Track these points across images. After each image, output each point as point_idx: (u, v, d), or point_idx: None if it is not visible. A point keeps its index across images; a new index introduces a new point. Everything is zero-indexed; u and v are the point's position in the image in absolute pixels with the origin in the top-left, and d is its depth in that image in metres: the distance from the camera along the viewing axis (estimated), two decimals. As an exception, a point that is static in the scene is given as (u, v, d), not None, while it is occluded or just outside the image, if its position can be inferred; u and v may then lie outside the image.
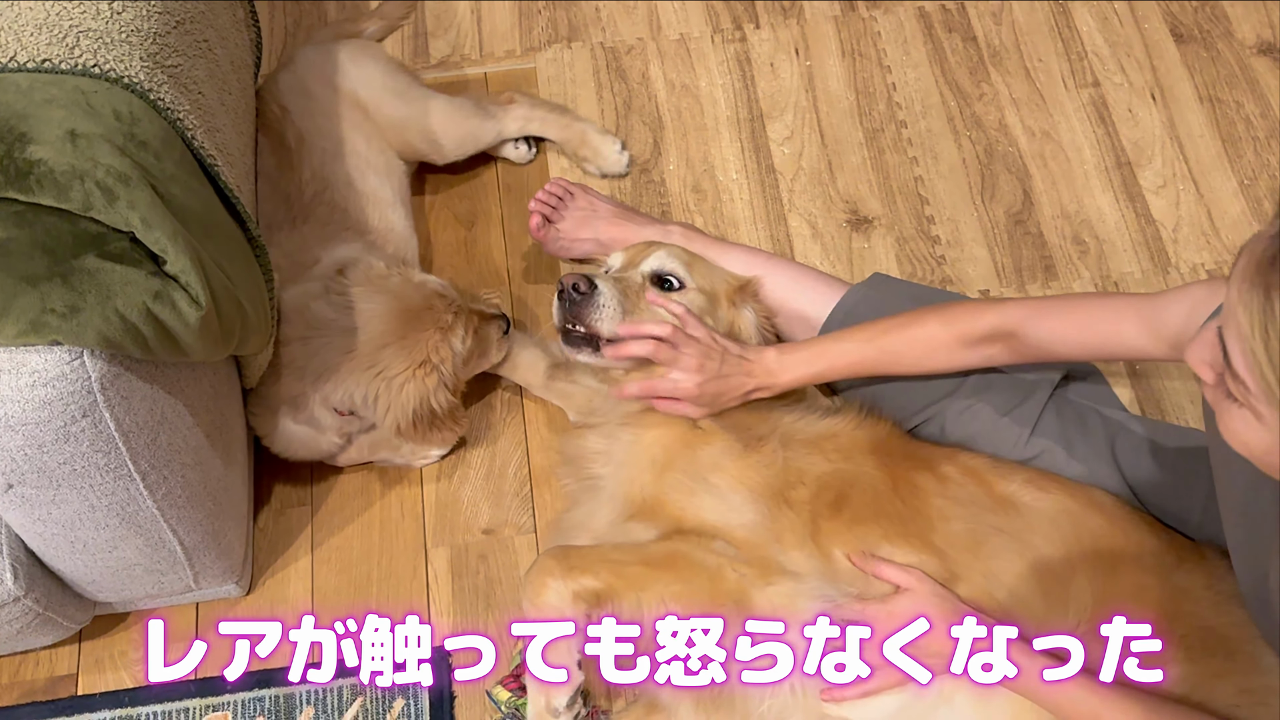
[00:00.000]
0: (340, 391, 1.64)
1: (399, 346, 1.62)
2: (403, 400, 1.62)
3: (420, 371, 1.63)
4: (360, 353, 1.62)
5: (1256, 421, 0.96)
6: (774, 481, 1.46)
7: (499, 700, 1.64)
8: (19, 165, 1.11)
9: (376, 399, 1.62)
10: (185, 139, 1.30)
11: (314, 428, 1.71)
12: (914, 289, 1.79)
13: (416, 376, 1.63)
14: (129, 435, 1.23)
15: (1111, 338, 1.39)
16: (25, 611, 1.45)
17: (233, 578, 1.67)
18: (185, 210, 1.23)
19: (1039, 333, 1.46)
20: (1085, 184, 2.09)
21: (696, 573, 1.37)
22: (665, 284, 1.68)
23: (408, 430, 1.65)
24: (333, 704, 1.68)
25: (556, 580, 1.35)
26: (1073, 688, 1.29)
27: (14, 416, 1.13)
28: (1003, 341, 1.49)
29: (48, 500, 1.27)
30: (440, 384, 1.65)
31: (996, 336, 1.49)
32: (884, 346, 1.56)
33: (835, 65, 2.22)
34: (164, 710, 1.68)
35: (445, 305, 1.68)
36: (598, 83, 2.21)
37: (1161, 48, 2.23)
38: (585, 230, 1.92)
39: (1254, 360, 0.92)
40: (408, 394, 1.62)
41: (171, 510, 1.38)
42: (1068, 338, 1.44)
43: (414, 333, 1.63)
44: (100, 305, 1.11)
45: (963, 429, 1.61)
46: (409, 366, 1.63)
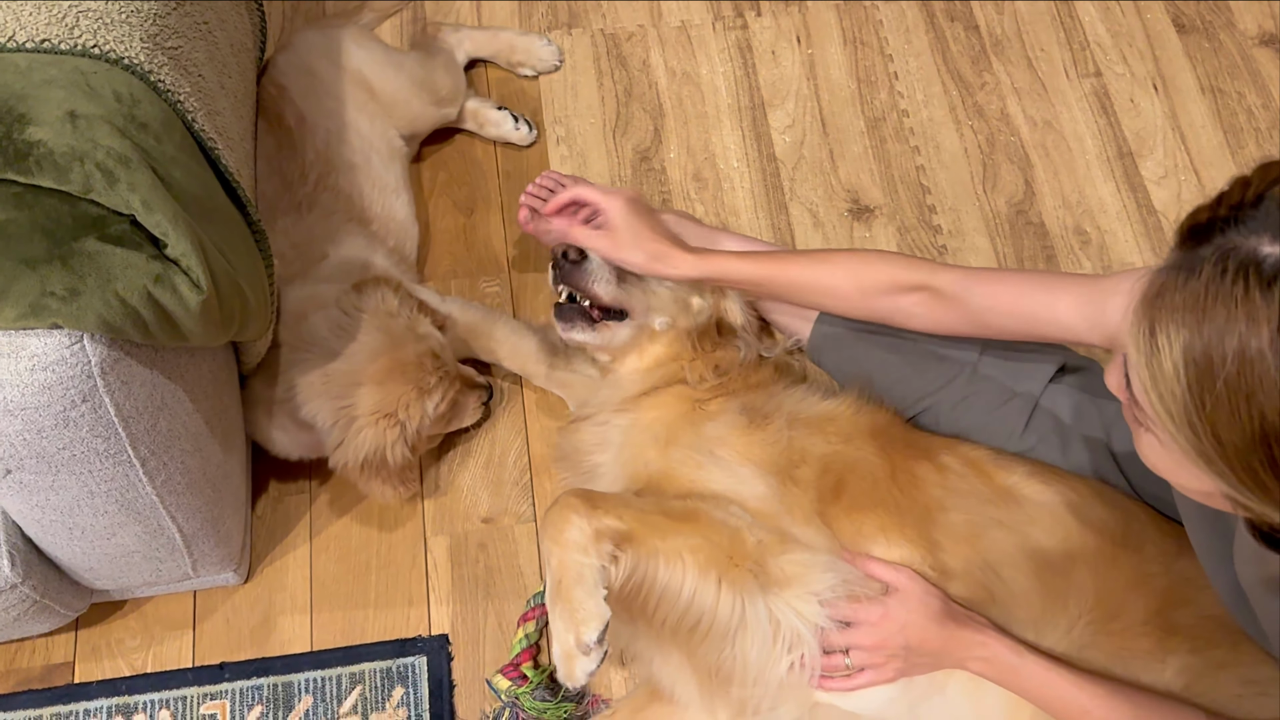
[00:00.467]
0: (306, 409, 1.62)
1: (373, 390, 1.59)
2: (358, 443, 1.59)
3: (385, 422, 1.59)
4: (334, 381, 1.60)
5: (1160, 446, 0.98)
6: (779, 459, 1.45)
7: (499, 689, 1.64)
8: (18, 146, 1.10)
9: (334, 430, 1.60)
10: (185, 121, 1.28)
11: (299, 425, 1.69)
12: None
13: (379, 426, 1.59)
14: (129, 420, 1.21)
15: (1044, 313, 1.37)
16: (22, 599, 1.44)
17: (231, 565, 1.65)
18: (185, 194, 1.21)
19: (971, 294, 1.43)
20: (1087, 174, 2.09)
21: (718, 530, 1.35)
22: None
23: (353, 472, 1.62)
24: (331, 692, 1.67)
25: (580, 518, 1.30)
26: (1060, 685, 1.30)
27: (13, 401, 1.11)
28: (923, 293, 1.45)
29: (46, 486, 1.25)
30: (400, 440, 1.61)
31: (915, 288, 1.46)
32: (787, 275, 1.52)
33: (837, 53, 2.21)
34: (161, 699, 1.67)
35: (434, 366, 1.64)
36: (598, 70, 2.20)
37: (1164, 38, 2.23)
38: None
39: (1143, 389, 0.94)
40: (364, 439, 1.59)
41: (170, 497, 1.37)
42: (1000, 305, 1.42)
43: (393, 383, 1.60)
44: (100, 289, 1.10)
45: (958, 420, 1.61)
46: (375, 414, 1.59)
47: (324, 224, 1.77)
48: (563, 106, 2.16)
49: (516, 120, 2.09)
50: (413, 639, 1.71)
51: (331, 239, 1.76)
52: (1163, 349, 0.90)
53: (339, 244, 1.77)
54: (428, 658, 1.69)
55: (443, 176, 2.10)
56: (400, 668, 1.69)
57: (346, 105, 1.85)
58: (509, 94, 2.17)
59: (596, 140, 2.12)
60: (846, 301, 1.51)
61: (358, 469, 1.61)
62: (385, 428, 1.59)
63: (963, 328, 1.46)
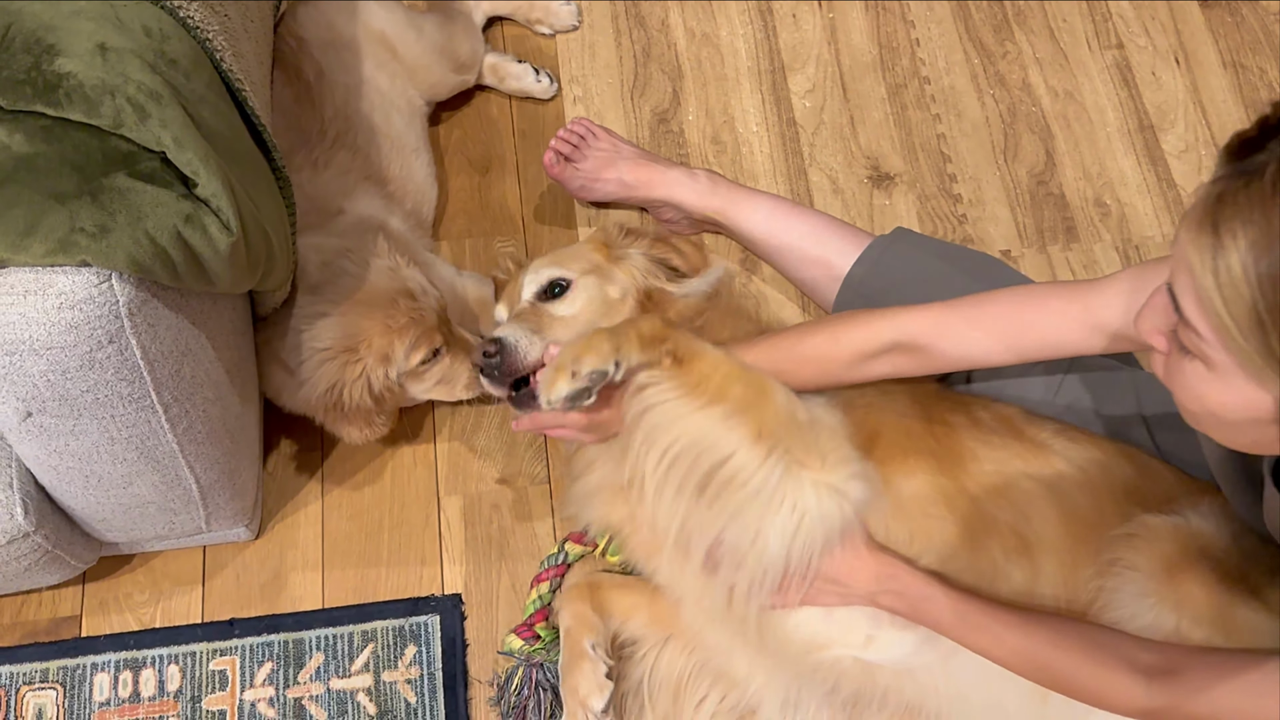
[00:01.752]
0: (280, 344, 1.58)
1: (336, 322, 1.53)
2: (317, 377, 1.54)
3: (344, 356, 1.53)
4: (302, 314, 1.56)
5: (1208, 373, 0.97)
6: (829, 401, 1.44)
7: (512, 649, 1.63)
8: (47, 78, 1.07)
9: (301, 365, 1.55)
10: (214, 60, 1.25)
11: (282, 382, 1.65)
12: (938, 245, 1.76)
13: (338, 359, 1.54)
14: (154, 364, 1.19)
15: (1032, 333, 1.32)
16: (34, 548, 1.42)
17: (243, 520, 1.63)
18: (214, 133, 1.19)
19: (945, 343, 1.36)
20: (1108, 146, 2.07)
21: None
22: (555, 289, 1.58)
23: (316, 410, 1.57)
24: (343, 650, 1.66)
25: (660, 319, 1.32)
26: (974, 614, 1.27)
27: (39, 340, 1.08)
28: (894, 353, 1.38)
29: (66, 430, 1.22)
30: (361, 379, 1.54)
31: (885, 350, 1.38)
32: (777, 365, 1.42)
33: (858, 18, 2.18)
34: (170, 654, 1.65)
35: (408, 308, 1.56)
36: (616, 29, 2.17)
37: (1186, 11, 2.21)
38: (609, 171, 1.89)
39: (1205, 297, 0.92)
40: (323, 373, 1.54)
41: (191, 446, 1.35)
42: (982, 343, 1.35)
43: (355, 315, 1.54)
44: (130, 226, 1.07)
45: (989, 384, 1.60)
46: (334, 347, 1.54)
47: (339, 181, 1.73)
48: (580, 66, 2.13)
49: (538, 73, 2.06)
50: (426, 598, 1.69)
51: (348, 196, 1.73)
52: (1229, 250, 0.89)
53: (355, 202, 1.73)
54: (441, 617, 1.67)
55: (457, 135, 2.07)
56: (413, 626, 1.67)
57: (367, 62, 1.81)
58: (526, 51, 2.14)
59: (614, 101, 2.10)
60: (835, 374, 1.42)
61: (320, 409, 1.55)
62: (344, 362, 1.53)
63: (948, 368, 1.41)
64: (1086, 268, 1.95)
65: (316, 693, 1.63)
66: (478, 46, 2.03)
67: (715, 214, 1.85)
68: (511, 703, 1.60)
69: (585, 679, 1.49)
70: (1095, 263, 1.96)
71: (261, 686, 1.63)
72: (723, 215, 1.84)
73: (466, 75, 2.02)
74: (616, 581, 1.61)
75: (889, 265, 1.68)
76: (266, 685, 1.63)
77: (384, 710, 1.62)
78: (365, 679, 1.64)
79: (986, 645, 1.28)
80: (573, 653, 1.51)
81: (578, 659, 1.50)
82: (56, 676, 1.63)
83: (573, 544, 1.69)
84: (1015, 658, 1.26)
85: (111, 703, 1.62)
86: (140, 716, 1.61)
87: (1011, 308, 1.34)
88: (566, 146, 1.91)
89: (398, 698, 1.62)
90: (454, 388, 1.68)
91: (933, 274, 1.66)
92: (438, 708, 1.62)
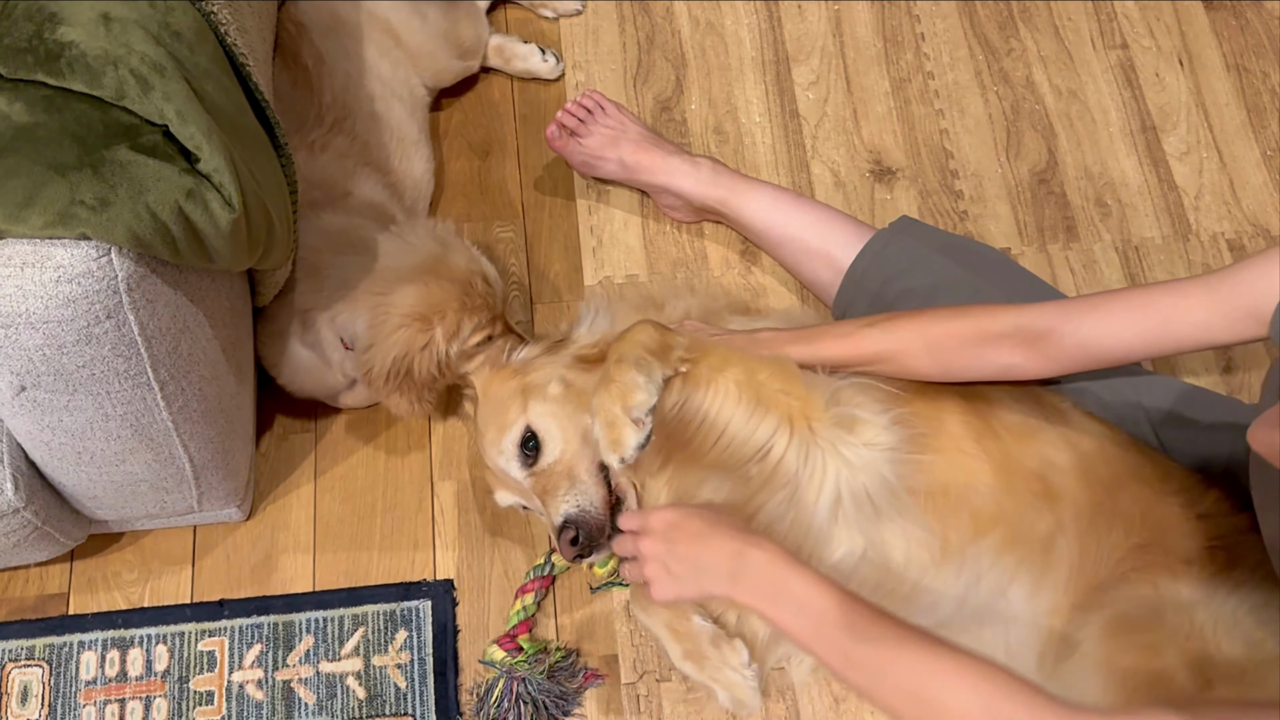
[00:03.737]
0: (347, 313, 1.56)
1: (415, 289, 1.53)
2: (390, 342, 1.53)
3: (418, 324, 1.52)
4: (378, 278, 1.55)
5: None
6: None
7: (494, 660, 1.60)
8: (49, 46, 1.05)
9: (369, 329, 1.53)
10: (218, 34, 1.23)
11: (320, 355, 1.65)
12: (942, 236, 1.76)
13: (413, 327, 1.53)
14: (151, 341, 1.17)
15: (1172, 318, 1.25)
16: (24, 524, 1.40)
17: (235, 501, 1.62)
18: (217, 108, 1.17)
19: (1072, 323, 1.32)
20: (1110, 146, 2.07)
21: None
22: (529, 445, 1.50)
23: (378, 378, 1.55)
24: (333, 633, 1.65)
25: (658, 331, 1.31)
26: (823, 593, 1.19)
27: (35, 313, 1.06)
28: (1025, 344, 1.34)
29: (61, 406, 1.21)
30: (429, 349, 1.53)
31: (1018, 334, 1.34)
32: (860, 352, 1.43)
33: (864, 11, 2.17)
34: (158, 633, 1.64)
35: (482, 290, 1.57)
36: (620, 15, 2.15)
37: (1191, 13, 2.21)
38: (611, 150, 1.88)
39: None
40: (397, 339, 1.52)
41: (185, 424, 1.33)
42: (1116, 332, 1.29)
43: (436, 285, 1.54)
44: (131, 200, 1.05)
45: None
46: (411, 314, 1.53)
47: (338, 165, 1.71)
48: (583, 51, 2.12)
49: (544, 53, 2.05)
50: (417, 583, 1.68)
51: (350, 180, 1.71)
52: None
53: (358, 186, 1.71)
54: (432, 602, 1.66)
55: (458, 118, 2.05)
56: (404, 611, 1.66)
57: (369, 49, 1.79)
58: (529, 36, 2.11)
59: (617, 87, 2.08)
60: (918, 362, 1.40)
61: (382, 376, 1.54)
62: (418, 329, 1.52)
63: (1071, 364, 1.35)
64: (1086, 267, 1.95)
65: (306, 675, 1.62)
66: (482, 31, 2.01)
67: (716, 203, 1.84)
68: (491, 714, 1.57)
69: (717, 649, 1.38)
70: (1095, 262, 1.95)
71: (250, 668, 1.62)
72: (724, 205, 1.83)
73: (471, 61, 2.00)
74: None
75: (891, 258, 1.67)
76: (255, 667, 1.62)
77: (373, 694, 1.61)
78: (355, 663, 1.63)
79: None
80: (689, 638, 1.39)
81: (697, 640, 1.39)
82: (43, 654, 1.61)
83: (559, 555, 1.67)
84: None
85: (98, 681, 1.60)
86: (127, 696, 1.60)
87: (1143, 298, 1.29)
88: (572, 120, 1.90)
89: (388, 682, 1.62)
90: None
91: (935, 265, 1.66)
92: (428, 693, 1.61)
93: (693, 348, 1.34)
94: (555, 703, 1.58)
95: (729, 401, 1.34)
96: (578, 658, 1.62)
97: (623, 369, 1.28)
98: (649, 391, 1.25)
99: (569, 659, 1.62)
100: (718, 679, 1.39)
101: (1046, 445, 1.40)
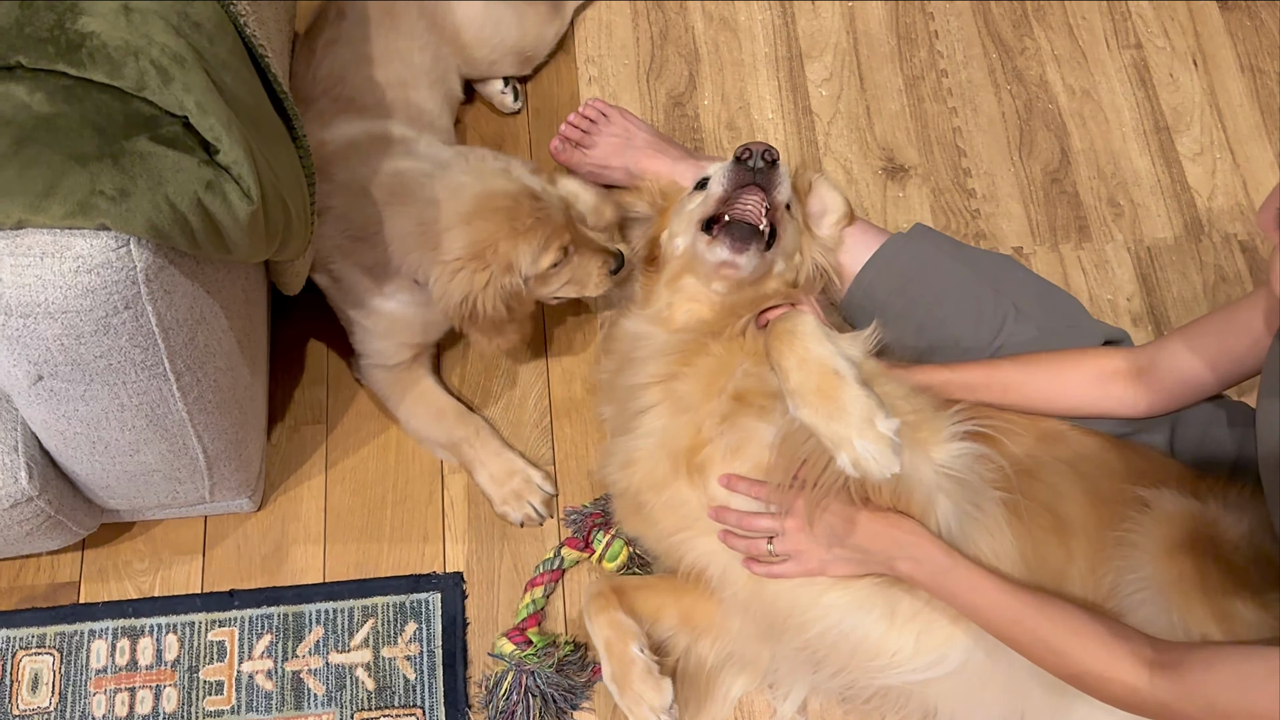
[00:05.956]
0: (409, 261, 1.54)
1: (461, 232, 1.50)
2: (451, 288, 1.51)
3: (473, 265, 1.50)
4: (429, 229, 1.52)
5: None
6: None
7: (503, 653, 1.61)
8: (70, 36, 1.05)
9: (431, 280, 1.52)
10: (237, 25, 1.23)
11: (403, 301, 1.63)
12: (952, 245, 1.75)
13: (467, 269, 1.50)
14: (168, 332, 1.17)
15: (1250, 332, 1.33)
16: (37, 513, 1.40)
17: (246, 492, 1.62)
18: (236, 100, 1.17)
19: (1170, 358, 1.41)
20: (1123, 146, 2.07)
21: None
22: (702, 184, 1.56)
23: (455, 320, 1.55)
24: (343, 625, 1.65)
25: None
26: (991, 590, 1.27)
27: (55, 303, 1.07)
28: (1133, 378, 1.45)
29: (77, 396, 1.21)
30: (492, 285, 1.50)
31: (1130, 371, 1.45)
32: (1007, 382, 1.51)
33: (877, 8, 2.17)
34: (168, 623, 1.64)
35: (532, 208, 1.51)
36: (634, 10, 2.15)
37: (1205, 13, 2.20)
38: (617, 158, 1.87)
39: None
40: (457, 284, 1.50)
41: (200, 415, 1.33)
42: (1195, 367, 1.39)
43: (481, 221, 1.50)
44: (151, 191, 1.05)
45: None
46: (463, 257, 1.50)
47: None
48: (596, 46, 2.12)
49: (505, 84, 2.00)
50: (427, 575, 1.68)
51: None
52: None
53: None
54: (442, 594, 1.67)
55: (471, 112, 2.05)
56: (414, 603, 1.66)
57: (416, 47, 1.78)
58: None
59: (629, 82, 2.08)
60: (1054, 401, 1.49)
61: (458, 319, 1.53)
62: (474, 270, 1.49)
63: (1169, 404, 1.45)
64: (1098, 266, 1.95)
65: (315, 666, 1.62)
66: (547, 32, 1.99)
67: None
68: (500, 706, 1.58)
69: (643, 683, 1.43)
70: (1107, 262, 1.95)
71: (260, 658, 1.62)
72: (733, 208, 1.82)
73: (526, 69, 2.01)
74: (637, 583, 1.57)
75: (901, 267, 1.66)
76: (265, 657, 1.62)
77: (382, 686, 1.61)
78: (364, 654, 1.63)
79: (1002, 625, 1.27)
80: (622, 662, 1.45)
81: (628, 667, 1.45)
82: (54, 642, 1.62)
83: (569, 549, 1.67)
84: (1028, 638, 1.25)
85: (108, 670, 1.61)
86: (137, 685, 1.60)
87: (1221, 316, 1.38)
88: (576, 132, 1.89)
89: (397, 674, 1.62)
90: (585, 286, 1.64)
91: (944, 270, 1.65)
92: (436, 685, 1.61)
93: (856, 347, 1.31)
94: (564, 695, 1.59)
95: None
96: (586, 651, 1.63)
97: (844, 385, 1.20)
98: (885, 408, 1.20)
99: (578, 652, 1.62)
100: (633, 712, 1.44)
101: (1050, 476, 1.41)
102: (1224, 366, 1.39)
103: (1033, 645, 1.25)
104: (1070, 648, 1.22)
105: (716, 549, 1.43)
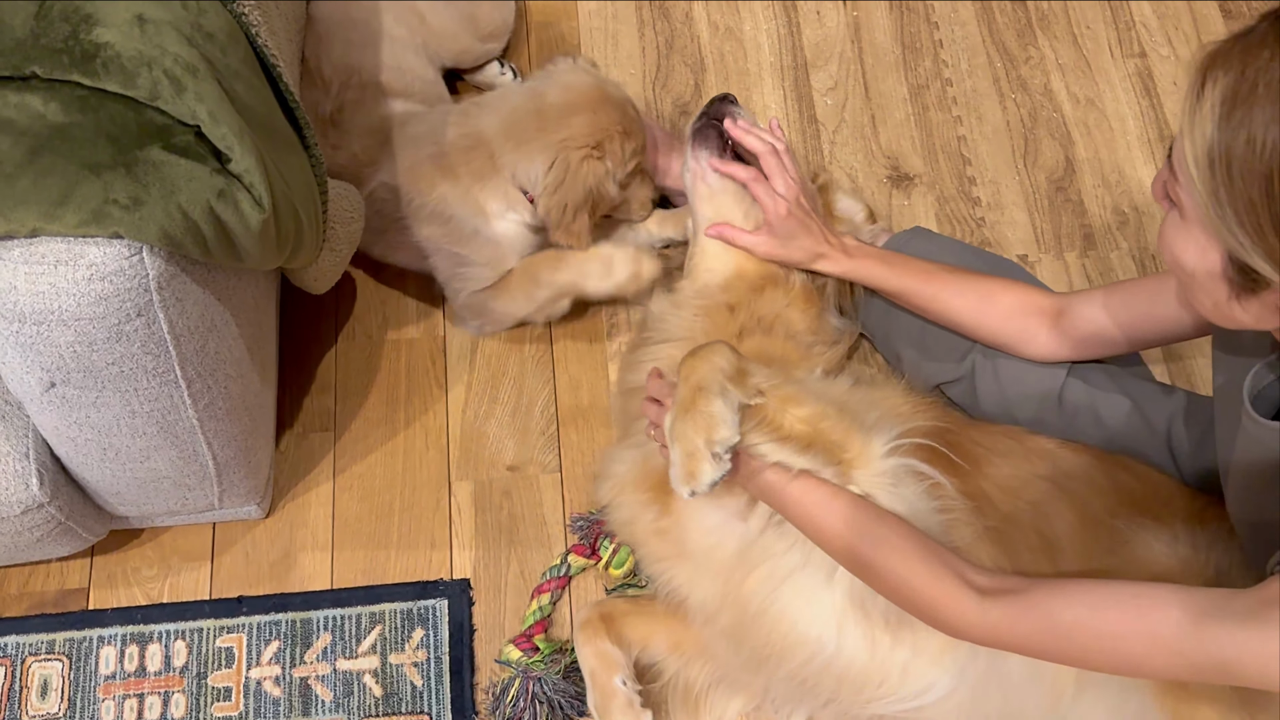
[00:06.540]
0: (526, 160, 1.61)
1: (585, 118, 1.59)
2: (582, 175, 1.59)
3: (596, 152, 1.59)
4: (550, 119, 1.60)
5: (1181, 222, 1.03)
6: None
7: (510, 659, 1.61)
8: (85, 47, 1.06)
9: (552, 168, 1.59)
10: (249, 35, 1.24)
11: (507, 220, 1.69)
12: (954, 245, 1.76)
13: (593, 155, 1.60)
14: (180, 339, 1.18)
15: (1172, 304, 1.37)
16: (47, 519, 1.41)
17: (255, 499, 1.63)
18: (248, 109, 1.18)
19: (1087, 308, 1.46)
20: (1127, 155, 2.07)
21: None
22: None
23: (565, 215, 1.61)
24: (350, 631, 1.65)
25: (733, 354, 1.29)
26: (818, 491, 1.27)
27: (68, 310, 1.08)
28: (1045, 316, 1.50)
29: (89, 403, 1.22)
30: (608, 176, 1.61)
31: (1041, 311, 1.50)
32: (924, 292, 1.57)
33: (882, 17, 2.18)
34: (177, 629, 1.65)
35: (635, 116, 1.65)
36: (640, 20, 2.16)
37: (1209, 21, 2.21)
38: None
39: (1179, 142, 0.99)
40: (586, 170, 1.59)
41: (210, 422, 1.34)
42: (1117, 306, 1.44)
43: (602, 111, 1.61)
44: (164, 200, 1.06)
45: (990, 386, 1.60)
46: (588, 145, 1.60)
47: None
48: (602, 54, 2.13)
49: (502, 65, 2.04)
50: (434, 582, 1.69)
51: None
52: (1205, 95, 0.95)
53: None
54: (449, 601, 1.67)
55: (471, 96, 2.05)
56: (421, 610, 1.67)
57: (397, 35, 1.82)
58: (548, 39, 2.13)
59: (636, 91, 2.09)
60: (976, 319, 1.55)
61: (570, 210, 1.59)
62: (597, 158, 1.60)
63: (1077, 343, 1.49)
64: (1103, 275, 1.95)
65: (323, 673, 1.63)
66: (507, 15, 2.02)
67: None
68: (507, 713, 1.58)
69: (623, 715, 1.46)
70: (1111, 270, 1.96)
71: (268, 665, 1.63)
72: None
73: (493, 45, 2.01)
74: (627, 609, 1.57)
75: None
76: (273, 664, 1.63)
77: (390, 692, 1.62)
78: (372, 661, 1.64)
79: (814, 531, 1.26)
80: (604, 694, 1.48)
81: (609, 698, 1.47)
82: (63, 648, 1.62)
83: (575, 555, 1.68)
84: (845, 553, 1.25)
85: (117, 676, 1.61)
86: (146, 691, 1.61)
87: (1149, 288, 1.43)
88: None
89: (404, 680, 1.63)
90: (631, 207, 1.77)
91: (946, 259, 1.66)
92: (443, 692, 1.62)
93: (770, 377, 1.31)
94: (570, 703, 1.59)
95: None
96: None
97: (708, 399, 1.22)
98: (732, 428, 1.22)
99: (584, 659, 1.62)
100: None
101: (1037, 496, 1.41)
102: (1137, 331, 1.44)
103: (850, 559, 1.25)
104: (895, 565, 1.20)
105: (695, 578, 1.44)
